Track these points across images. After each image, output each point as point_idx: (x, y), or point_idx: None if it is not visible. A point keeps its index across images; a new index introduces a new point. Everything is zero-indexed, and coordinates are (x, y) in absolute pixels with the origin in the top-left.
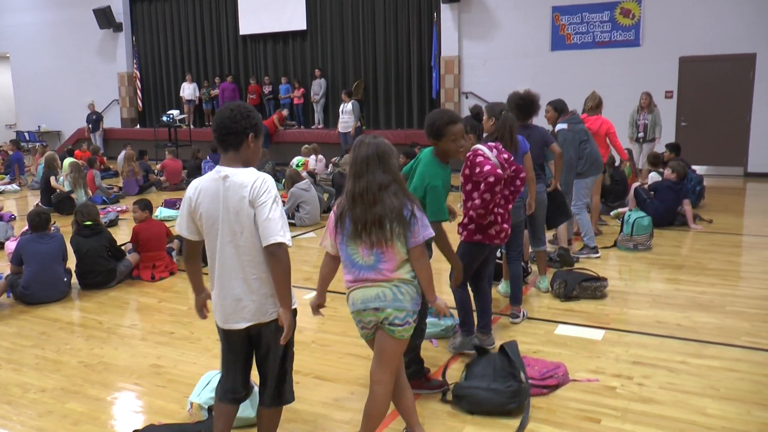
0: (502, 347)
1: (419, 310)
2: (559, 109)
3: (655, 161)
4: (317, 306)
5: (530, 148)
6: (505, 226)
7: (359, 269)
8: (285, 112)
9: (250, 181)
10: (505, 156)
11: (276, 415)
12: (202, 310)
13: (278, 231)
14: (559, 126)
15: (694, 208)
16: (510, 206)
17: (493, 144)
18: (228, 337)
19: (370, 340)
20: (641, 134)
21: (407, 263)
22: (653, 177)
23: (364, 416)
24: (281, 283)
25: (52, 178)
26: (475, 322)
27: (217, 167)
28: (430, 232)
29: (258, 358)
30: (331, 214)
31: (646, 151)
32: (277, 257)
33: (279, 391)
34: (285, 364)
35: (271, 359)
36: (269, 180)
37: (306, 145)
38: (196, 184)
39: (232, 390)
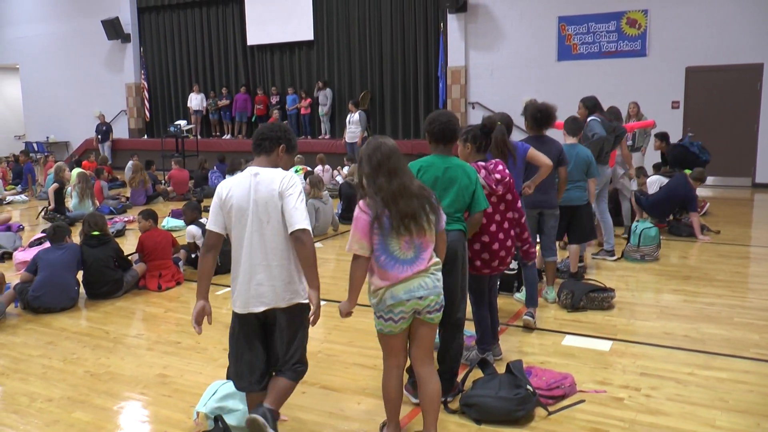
0: (507, 366)
1: None
2: (589, 106)
3: (639, 173)
4: (347, 312)
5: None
6: (501, 253)
7: (401, 264)
8: (276, 113)
9: (280, 176)
10: (497, 176)
11: (291, 387)
12: (201, 321)
13: (303, 219)
14: (591, 118)
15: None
16: (507, 231)
17: (482, 164)
18: (246, 322)
19: (399, 333)
20: (629, 143)
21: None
22: (652, 182)
23: (423, 405)
24: (308, 265)
25: (52, 188)
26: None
27: (249, 168)
28: (445, 217)
29: (272, 341)
30: (360, 216)
31: (635, 161)
32: (302, 241)
33: (293, 365)
34: (296, 351)
35: (285, 343)
36: (296, 177)
37: (298, 156)
38: (227, 182)
39: (249, 378)
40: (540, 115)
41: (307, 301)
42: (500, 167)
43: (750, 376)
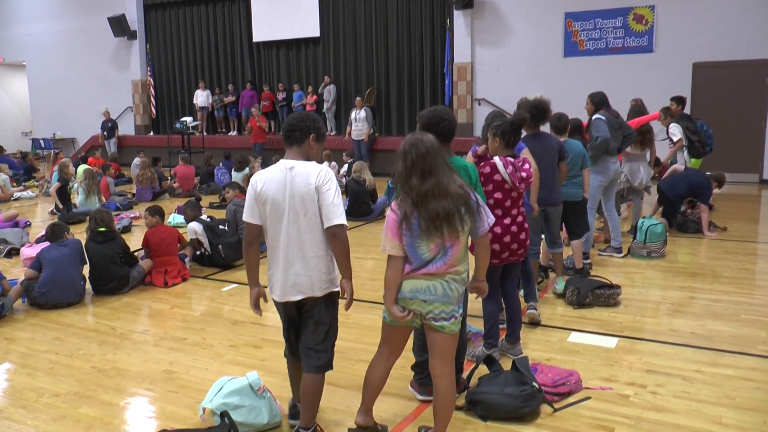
0: (513, 363)
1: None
2: (596, 102)
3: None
4: (398, 317)
5: (544, 157)
6: (513, 246)
7: (421, 261)
8: (254, 110)
9: (316, 170)
10: (523, 174)
11: (320, 381)
12: (258, 306)
13: (340, 214)
14: (596, 116)
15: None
16: (521, 224)
17: (511, 160)
18: (284, 309)
19: (400, 327)
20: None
21: (465, 257)
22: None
23: (436, 414)
24: (342, 259)
25: (54, 187)
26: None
27: (283, 161)
28: (493, 218)
29: (305, 328)
30: (390, 216)
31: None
32: (337, 237)
33: (322, 360)
34: (328, 337)
35: (317, 331)
36: (331, 172)
37: (326, 151)
38: (260, 175)
39: (292, 351)
40: (535, 112)
41: (338, 289)
42: (527, 166)
43: (757, 374)
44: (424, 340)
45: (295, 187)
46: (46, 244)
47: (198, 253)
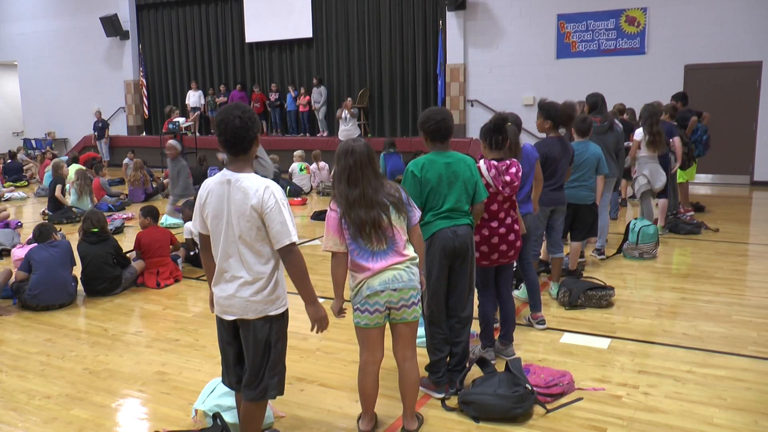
0: (506, 364)
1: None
2: (590, 104)
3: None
4: (339, 310)
5: (562, 160)
6: (502, 247)
7: (375, 256)
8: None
9: (254, 188)
10: (507, 178)
11: (255, 409)
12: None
13: (287, 234)
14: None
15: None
16: (510, 226)
17: (495, 164)
18: (222, 325)
19: (374, 328)
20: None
21: (409, 242)
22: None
23: (402, 394)
24: (298, 282)
25: (58, 190)
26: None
27: (224, 171)
28: (419, 213)
29: (245, 350)
30: (330, 214)
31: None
32: (288, 260)
33: (258, 385)
34: (265, 361)
35: (252, 354)
36: (272, 185)
37: (298, 152)
38: (206, 185)
39: (227, 379)
40: (560, 117)
41: (279, 312)
42: (513, 170)
43: (748, 374)
44: (439, 338)
45: (232, 204)
46: (34, 245)
47: (192, 253)
